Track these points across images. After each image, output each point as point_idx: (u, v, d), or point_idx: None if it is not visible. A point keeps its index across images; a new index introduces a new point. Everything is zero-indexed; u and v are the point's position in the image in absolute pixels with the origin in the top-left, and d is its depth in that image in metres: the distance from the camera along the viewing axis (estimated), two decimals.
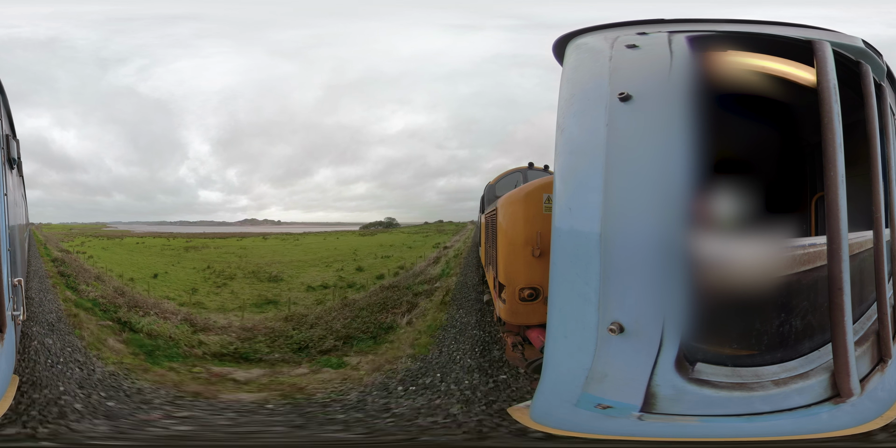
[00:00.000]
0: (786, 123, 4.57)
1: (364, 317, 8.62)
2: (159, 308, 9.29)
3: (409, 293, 10.77)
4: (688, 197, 2.63)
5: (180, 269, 14.65)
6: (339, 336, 7.58)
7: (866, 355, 3.01)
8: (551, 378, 2.90)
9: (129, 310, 8.84)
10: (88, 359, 5.96)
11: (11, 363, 3.93)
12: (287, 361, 6.55)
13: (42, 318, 7.82)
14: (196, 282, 12.87)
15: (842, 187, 2.69)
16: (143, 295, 10.61)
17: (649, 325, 2.63)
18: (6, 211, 4.11)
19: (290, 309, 9.84)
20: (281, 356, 6.82)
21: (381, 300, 10.10)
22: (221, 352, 6.97)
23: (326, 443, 3.80)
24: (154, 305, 9.48)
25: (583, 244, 2.73)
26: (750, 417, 2.72)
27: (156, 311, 8.94)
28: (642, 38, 2.85)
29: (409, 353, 6.51)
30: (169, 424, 4.09)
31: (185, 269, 14.64)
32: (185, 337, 7.54)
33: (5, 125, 4.47)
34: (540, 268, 4.22)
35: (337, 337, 7.52)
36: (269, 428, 4.05)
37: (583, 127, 2.81)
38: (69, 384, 4.95)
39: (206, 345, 7.25)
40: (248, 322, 8.77)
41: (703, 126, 2.67)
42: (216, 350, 7.01)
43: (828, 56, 2.83)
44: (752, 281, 2.79)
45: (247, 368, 6.20)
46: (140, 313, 8.61)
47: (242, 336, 7.79)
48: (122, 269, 13.83)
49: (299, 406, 4.71)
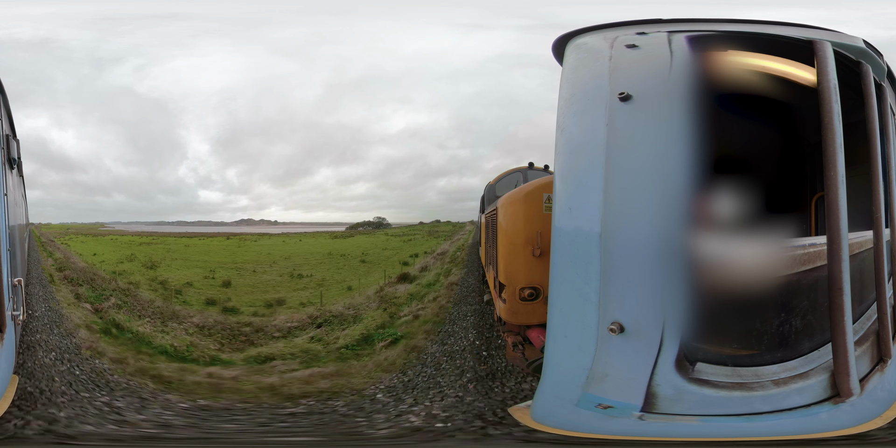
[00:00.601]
0: (786, 123, 4.57)
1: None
2: (83, 265, 16.47)
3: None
4: (688, 197, 2.63)
5: (115, 253, 20.70)
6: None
7: (866, 355, 3.01)
8: (552, 378, 2.90)
9: (68, 263, 16.43)
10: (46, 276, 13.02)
11: (11, 363, 3.93)
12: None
13: (35, 264, 14.59)
14: (114, 260, 18.88)
15: (842, 187, 2.69)
16: (79, 260, 17.86)
17: (649, 325, 2.64)
18: (6, 211, 4.11)
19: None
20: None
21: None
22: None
23: (327, 443, 3.80)
24: (82, 266, 16.24)
25: (583, 244, 2.73)
26: (750, 417, 2.73)
27: (81, 265, 16.32)
28: (642, 38, 2.85)
29: None
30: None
31: (116, 254, 20.55)
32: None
33: (5, 125, 4.47)
34: (540, 268, 4.22)
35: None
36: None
37: (583, 127, 2.81)
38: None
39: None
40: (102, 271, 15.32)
41: (703, 126, 2.67)
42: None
43: (828, 56, 2.83)
44: (752, 281, 2.79)
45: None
46: (72, 266, 15.85)
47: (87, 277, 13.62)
48: (80, 251, 20.95)
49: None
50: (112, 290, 11.89)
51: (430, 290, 9.43)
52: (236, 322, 8.65)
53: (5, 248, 3.85)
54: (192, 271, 16.32)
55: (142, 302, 10.76)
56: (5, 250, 3.82)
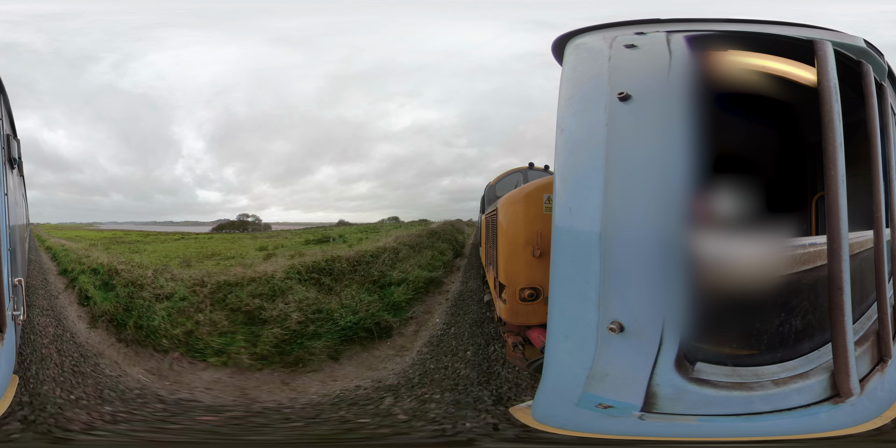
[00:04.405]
0: (786, 123, 4.57)
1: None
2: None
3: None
4: (688, 196, 2.63)
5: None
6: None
7: (866, 355, 3.01)
8: (552, 378, 2.90)
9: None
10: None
11: (11, 363, 3.93)
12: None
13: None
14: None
15: (842, 187, 2.69)
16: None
17: (649, 325, 2.64)
18: (6, 211, 4.11)
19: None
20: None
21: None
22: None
23: (328, 443, 3.80)
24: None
25: (583, 244, 2.73)
26: (750, 417, 2.72)
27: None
28: (640, 38, 2.85)
29: None
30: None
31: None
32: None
33: (6, 125, 4.48)
34: (540, 268, 4.22)
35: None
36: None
37: (582, 126, 2.81)
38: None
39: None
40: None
41: (702, 125, 2.67)
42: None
43: (829, 55, 2.82)
44: (752, 280, 2.79)
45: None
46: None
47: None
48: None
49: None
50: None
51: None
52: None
53: (6, 248, 3.85)
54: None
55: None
56: (6, 250, 3.83)
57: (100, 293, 9.22)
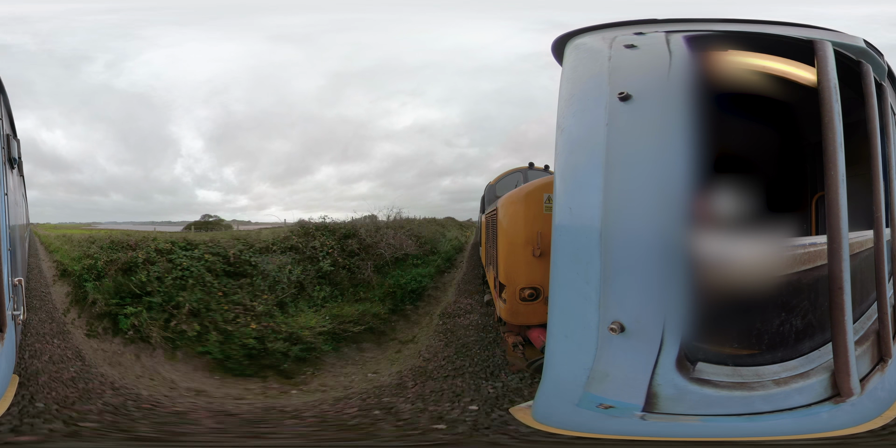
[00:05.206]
0: (786, 123, 4.57)
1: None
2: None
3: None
4: (688, 196, 2.63)
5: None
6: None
7: (866, 355, 3.01)
8: (553, 378, 2.90)
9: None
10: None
11: (12, 363, 3.93)
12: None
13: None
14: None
15: (842, 187, 2.69)
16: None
17: (650, 325, 2.64)
18: (6, 211, 4.11)
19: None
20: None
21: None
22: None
23: (330, 444, 3.80)
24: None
25: (583, 244, 2.73)
26: (750, 417, 2.72)
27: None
28: (640, 38, 2.85)
29: None
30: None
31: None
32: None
33: (6, 125, 4.47)
34: (540, 268, 4.22)
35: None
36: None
37: (582, 126, 2.81)
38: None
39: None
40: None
41: (702, 125, 2.67)
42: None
43: (829, 56, 2.83)
44: (752, 280, 2.79)
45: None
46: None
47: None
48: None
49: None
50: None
51: None
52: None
53: (6, 247, 3.85)
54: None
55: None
56: (6, 250, 3.82)
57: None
